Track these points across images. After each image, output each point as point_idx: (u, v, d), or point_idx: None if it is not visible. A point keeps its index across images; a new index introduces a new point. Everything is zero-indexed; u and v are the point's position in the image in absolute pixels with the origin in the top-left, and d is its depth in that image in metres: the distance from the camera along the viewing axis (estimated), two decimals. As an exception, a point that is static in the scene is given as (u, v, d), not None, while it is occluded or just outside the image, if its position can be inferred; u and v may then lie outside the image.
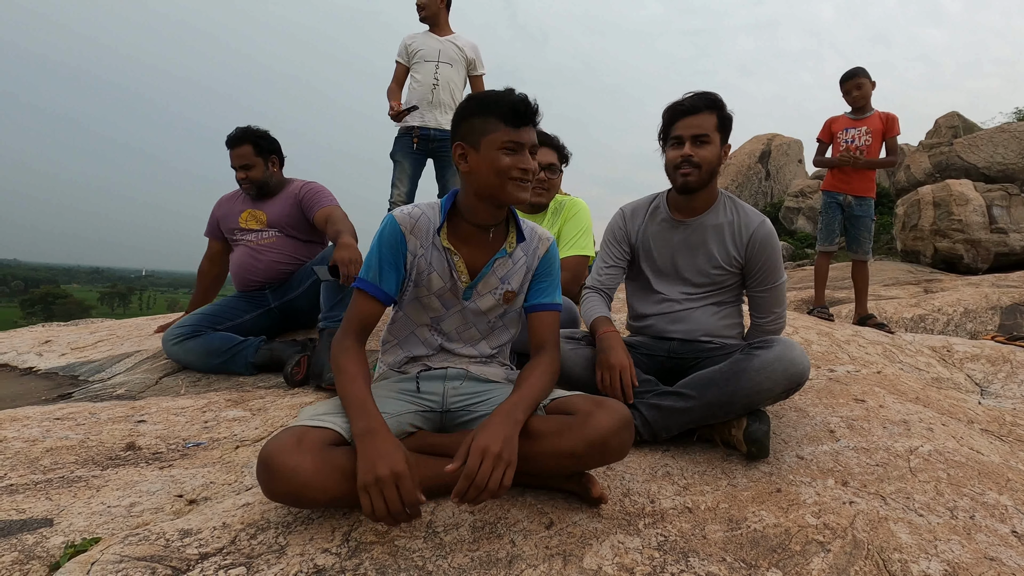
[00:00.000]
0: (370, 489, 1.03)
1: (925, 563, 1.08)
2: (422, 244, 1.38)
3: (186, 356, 2.43)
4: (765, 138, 15.73)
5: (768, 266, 1.73)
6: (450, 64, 3.49)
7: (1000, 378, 2.51)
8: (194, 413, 1.95)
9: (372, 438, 1.10)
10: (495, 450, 1.07)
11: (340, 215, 2.47)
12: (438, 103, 3.46)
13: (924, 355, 2.74)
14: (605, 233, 1.92)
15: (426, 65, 3.47)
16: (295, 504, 1.12)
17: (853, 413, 1.76)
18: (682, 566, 1.06)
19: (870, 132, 3.60)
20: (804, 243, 11.54)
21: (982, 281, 6.06)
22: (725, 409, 1.50)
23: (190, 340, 2.41)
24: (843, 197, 3.71)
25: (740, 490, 1.35)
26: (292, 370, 2.22)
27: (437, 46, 3.49)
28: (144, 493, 1.31)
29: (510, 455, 1.08)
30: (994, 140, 10.12)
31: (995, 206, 8.17)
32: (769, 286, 1.75)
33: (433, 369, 1.42)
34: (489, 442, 1.08)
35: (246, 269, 2.59)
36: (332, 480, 1.08)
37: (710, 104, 1.66)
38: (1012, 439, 1.76)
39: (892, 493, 1.32)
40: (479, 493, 1.05)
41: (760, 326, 1.79)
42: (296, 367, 2.24)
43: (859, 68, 3.67)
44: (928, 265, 8.43)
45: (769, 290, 1.75)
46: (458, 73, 3.54)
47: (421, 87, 3.46)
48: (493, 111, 1.28)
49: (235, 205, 2.69)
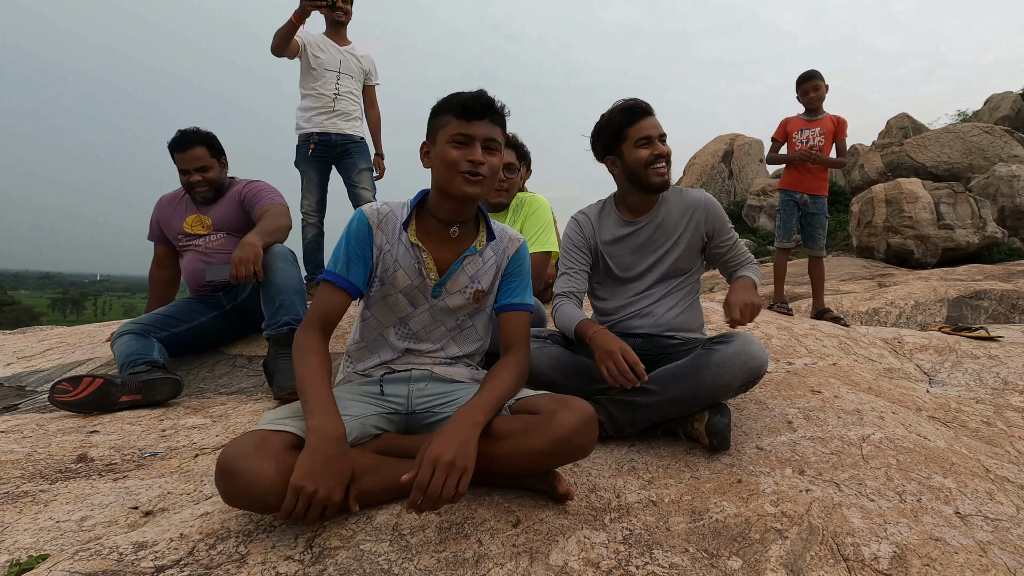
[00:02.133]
0: (300, 494, 1.04)
1: (876, 546, 1.13)
2: (388, 239, 1.38)
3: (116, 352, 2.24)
4: (728, 138, 16.12)
5: (725, 227, 1.85)
6: (350, 76, 3.56)
7: (946, 367, 2.63)
8: (151, 422, 1.88)
9: (325, 443, 1.09)
10: (447, 459, 1.06)
11: (274, 212, 2.40)
12: (340, 112, 3.50)
13: (877, 347, 2.86)
14: (563, 241, 1.93)
15: (328, 74, 3.47)
16: (255, 510, 1.10)
17: (810, 404, 1.82)
18: (646, 559, 1.08)
19: (823, 133, 3.73)
20: (766, 240, 11.86)
21: (931, 275, 6.36)
22: (688, 403, 1.54)
23: (127, 337, 2.25)
24: (799, 196, 3.83)
25: (703, 482, 1.38)
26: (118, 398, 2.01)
27: (339, 56, 3.51)
28: (96, 506, 1.26)
29: (464, 461, 1.08)
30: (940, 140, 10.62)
31: (942, 203, 8.56)
32: (728, 237, 1.86)
33: (397, 371, 1.41)
34: (440, 451, 1.07)
35: (198, 274, 2.50)
36: None
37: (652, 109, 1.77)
38: (956, 425, 1.85)
39: (846, 480, 1.37)
40: (433, 503, 1.06)
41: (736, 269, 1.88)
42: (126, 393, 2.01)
43: (815, 71, 3.79)
44: (882, 260, 8.79)
45: (730, 241, 1.87)
46: (357, 84, 3.62)
47: (322, 96, 3.47)
48: (448, 107, 1.32)
49: (178, 209, 2.57)
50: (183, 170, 2.47)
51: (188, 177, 2.46)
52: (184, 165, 2.45)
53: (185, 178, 2.48)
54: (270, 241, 2.24)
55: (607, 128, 1.76)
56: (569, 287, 1.86)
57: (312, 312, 1.34)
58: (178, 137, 2.45)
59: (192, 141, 2.44)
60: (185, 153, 2.44)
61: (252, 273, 2.07)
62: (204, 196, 2.51)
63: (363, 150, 3.63)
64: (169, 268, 2.69)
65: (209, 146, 2.48)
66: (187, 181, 2.48)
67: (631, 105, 1.73)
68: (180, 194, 2.59)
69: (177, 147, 2.45)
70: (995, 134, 10.51)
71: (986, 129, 10.61)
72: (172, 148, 2.46)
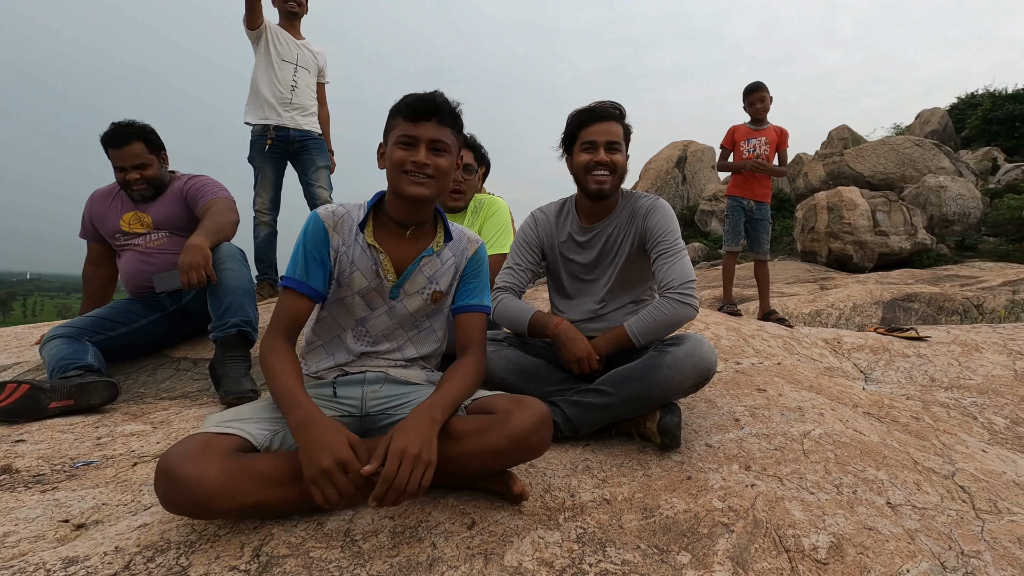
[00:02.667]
0: (319, 482, 1.03)
1: (815, 536, 1.18)
2: (344, 241, 1.36)
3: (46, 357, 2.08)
4: (682, 144, 16.60)
5: (656, 231, 1.70)
6: (307, 70, 3.50)
7: (880, 365, 2.79)
8: (85, 429, 1.78)
9: (309, 429, 1.08)
10: (413, 451, 1.06)
11: (217, 208, 2.27)
12: (297, 105, 3.43)
13: (818, 347, 3.00)
14: (517, 234, 1.93)
15: (285, 65, 3.40)
16: (197, 515, 1.06)
17: (756, 402, 1.89)
18: (599, 556, 1.10)
19: (768, 143, 3.89)
20: (717, 244, 12.28)
21: (868, 279, 6.73)
22: (641, 403, 1.57)
23: (58, 341, 2.09)
24: (746, 202, 3.98)
25: (654, 479, 1.42)
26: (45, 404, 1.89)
27: (295, 49, 3.46)
28: (21, 520, 1.18)
29: (429, 455, 1.08)
30: (877, 152, 11.27)
31: (878, 211, 9.09)
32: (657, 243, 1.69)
33: (351, 374, 1.38)
34: (407, 443, 1.07)
35: (138, 275, 2.33)
36: (246, 487, 1.04)
37: (618, 114, 1.73)
38: (889, 420, 1.96)
39: (788, 474, 1.43)
40: (398, 496, 1.04)
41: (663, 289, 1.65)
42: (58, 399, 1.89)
43: (760, 83, 3.95)
44: (824, 264, 9.24)
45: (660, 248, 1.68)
46: (312, 79, 3.56)
47: (281, 86, 3.39)
48: (398, 109, 1.33)
49: (113, 206, 2.38)
50: (119, 167, 2.29)
51: (124, 175, 2.29)
52: (120, 162, 2.27)
53: (121, 176, 2.30)
54: (217, 240, 2.14)
55: (566, 127, 1.77)
56: (511, 282, 1.85)
57: (276, 320, 1.31)
58: (112, 132, 2.26)
59: (128, 136, 2.26)
60: (121, 150, 2.26)
61: (205, 278, 1.98)
62: (142, 194, 2.35)
63: (321, 147, 3.55)
64: (105, 267, 2.51)
65: (147, 141, 2.31)
66: (123, 179, 2.31)
67: (589, 108, 1.73)
68: (115, 189, 2.41)
69: (111, 143, 2.26)
70: (925, 147, 11.24)
71: (917, 142, 11.33)
72: (106, 144, 2.27)
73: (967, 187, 10.28)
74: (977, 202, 10.25)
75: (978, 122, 15.70)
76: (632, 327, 1.65)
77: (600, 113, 1.72)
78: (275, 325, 1.30)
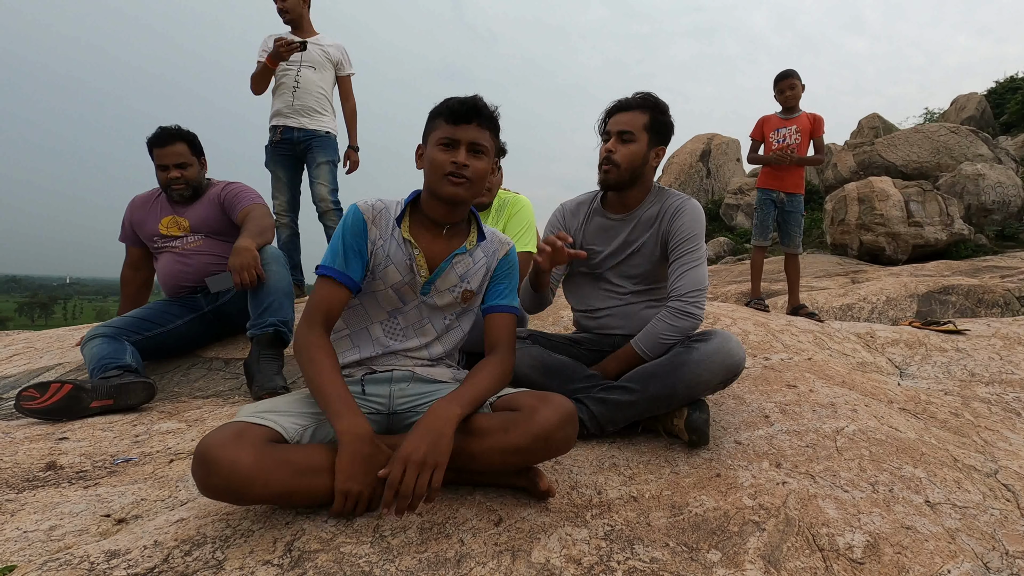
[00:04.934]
0: (349, 497, 1.10)
1: (850, 535, 1.15)
2: (382, 235, 1.39)
3: (86, 357, 2.17)
4: (705, 138, 16.32)
5: (680, 234, 1.68)
6: (312, 67, 3.48)
7: (916, 360, 2.70)
8: (123, 427, 1.84)
9: (355, 445, 1.12)
10: (417, 458, 1.08)
11: (257, 214, 2.37)
12: (300, 107, 3.45)
13: (850, 341, 2.92)
14: (546, 228, 1.94)
15: (287, 68, 3.44)
16: (234, 500, 1.09)
17: (786, 398, 1.85)
18: (627, 554, 1.09)
19: (799, 131, 3.80)
20: (743, 238, 12.05)
21: (902, 271, 6.53)
22: (668, 400, 1.55)
23: (98, 341, 2.18)
24: (776, 194, 3.90)
25: (682, 477, 1.40)
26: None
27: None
28: (66, 515, 1.23)
29: (435, 457, 1.09)
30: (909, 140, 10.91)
31: (912, 201, 8.79)
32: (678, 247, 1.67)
33: (378, 372, 1.40)
34: (411, 449, 1.09)
35: (175, 276, 2.44)
36: (277, 474, 1.07)
37: (643, 103, 1.71)
38: (926, 416, 1.90)
39: (820, 472, 1.40)
40: (407, 502, 1.08)
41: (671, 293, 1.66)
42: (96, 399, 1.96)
43: (791, 70, 3.85)
44: (855, 257, 8.99)
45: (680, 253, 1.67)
46: (323, 76, 3.53)
47: (283, 90, 3.45)
48: (438, 112, 1.36)
49: (153, 210, 2.50)
50: (161, 166, 2.41)
51: (166, 174, 2.40)
52: (163, 161, 2.40)
53: (163, 175, 2.42)
54: (261, 243, 2.23)
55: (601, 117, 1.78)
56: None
57: (313, 308, 1.32)
58: (158, 133, 2.40)
59: (173, 137, 2.40)
60: (165, 148, 2.39)
61: (255, 278, 2.07)
62: (181, 195, 2.45)
63: (325, 144, 3.55)
64: (143, 270, 2.62)
65: (190, 143, 2.43)
66: (165, 178, 2.42)
67: (617, 101, 1.74)
68: (155, 195, 2.53)
69: (157, 143, 2.39)
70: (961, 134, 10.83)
71: (952, 129, 10.92)
72: (151, 144, 2.40)
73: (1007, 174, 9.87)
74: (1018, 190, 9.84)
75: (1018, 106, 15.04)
76: (639, 344, 1.66)
77: (620, 102, 1.72)
78: (312, 315, 1.31)
